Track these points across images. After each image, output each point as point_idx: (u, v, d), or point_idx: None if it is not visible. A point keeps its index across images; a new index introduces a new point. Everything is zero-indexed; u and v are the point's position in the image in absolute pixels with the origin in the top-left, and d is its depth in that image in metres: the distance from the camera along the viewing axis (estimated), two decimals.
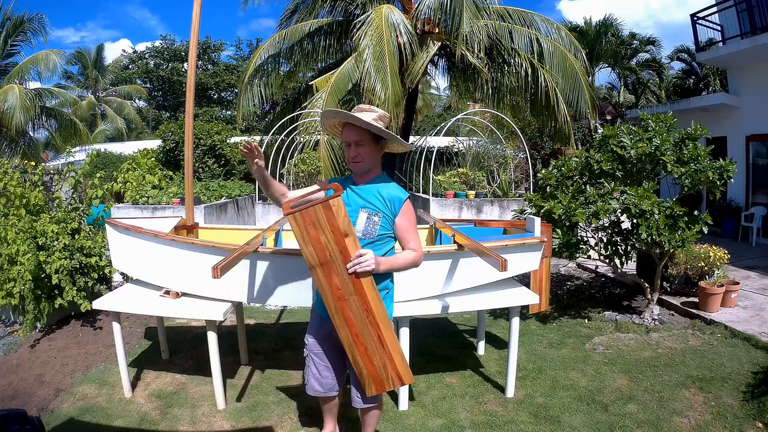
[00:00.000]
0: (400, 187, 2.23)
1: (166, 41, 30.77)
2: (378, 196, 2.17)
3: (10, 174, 4.87)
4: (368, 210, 2.15)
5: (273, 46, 10.36)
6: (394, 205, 2.16)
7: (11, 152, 13.07)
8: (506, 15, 9.75)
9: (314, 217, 1.92)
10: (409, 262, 2.15)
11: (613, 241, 4.67)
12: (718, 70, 14.36)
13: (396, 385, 2.21)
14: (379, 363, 2.13)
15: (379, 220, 2.14)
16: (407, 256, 2.16)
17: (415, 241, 2.20)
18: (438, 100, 27.71)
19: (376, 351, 2.11)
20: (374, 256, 2.00)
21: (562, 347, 4.09)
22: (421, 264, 2.22)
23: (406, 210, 2.18)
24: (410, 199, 2.22)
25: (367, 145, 2.16)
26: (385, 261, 2.09)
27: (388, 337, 2.10)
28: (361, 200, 2.17)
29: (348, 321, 2.06)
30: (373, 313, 2.05)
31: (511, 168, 9.47)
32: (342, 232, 1.94)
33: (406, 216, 2.18)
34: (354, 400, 2.35)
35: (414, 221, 2.23)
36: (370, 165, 2.21)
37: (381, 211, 2.15)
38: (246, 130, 18.83)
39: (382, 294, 2.21)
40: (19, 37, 14.01)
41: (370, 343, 2.09)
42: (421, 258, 2.19)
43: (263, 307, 5.18)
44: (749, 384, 3.28)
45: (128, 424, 2.93)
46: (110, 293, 3.35)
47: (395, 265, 2.14)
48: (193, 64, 3.63)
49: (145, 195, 7.72)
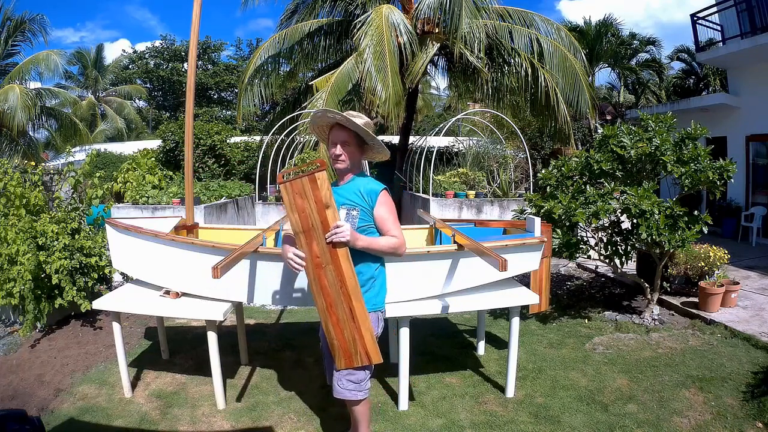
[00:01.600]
0: (376, 181, 2.38)
1: (166, 41, 30.79)
2: (356, 192, 2.31)
3: (10, 174, 4.87)
4: (347, 206, 2.29)
5: (273, 46, 10.36)
6: (371, 198, 2.29)
7: (11, 152, 13.06)
8: (506, 15, 9.75)
9: (301, 188, 2.11)
10: (389, 246, 2.27)
11: (613, 241, 4.67)
12: (718, 70, 14.36)
13: (364, 362, 2.28)
14: (349, 336, 2.24)
15: (357, 213, 2.28)
16: (388, 240, 2.28)
17: (395, 229, 2.31)
18: (438, 100, 27.71)
19: (347, 323, 2.22)
20: (351, 229, 2.13)
21: (562, 347, 4.09)
22: (403, 254, 2.33)
23: (382, 201, 2.31)
24: (386, 191, 2.35)
25: (352, 147, 2.34)
26: (364, 238, 2.21)
27: (359, 312, 2.21)
28: (341, 198, 2.30)
29: (324, 290, 2.20)
30: (346, 285, 2.17)
31: (511, 168, 9.47)
32: (324, 203, 2.10)
33: (384, 206, 2.31)
34: (334, 389, 2.37)
35: (393, 211, 2.34)
36: (351, 166, 2.37)
37: (359, 205, 2.29)
38: (246, 130, 18.81)
39: (368, 283, 2.33)
40: (19, 37, 14.02)
41: (342, 314, 2.21)
42: (402, 245, 2.30)
43: (263, 307, 5.18)
44: (749, 384, 3.28)
45: (128, 424, 2.93)
46: (110, 293, 3.35)
47: (373, 245, 2.24)
48: (193, 64, 3.63)
49: (145, 195, 7.72)
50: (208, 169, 11.08)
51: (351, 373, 2.32)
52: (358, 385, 2.33)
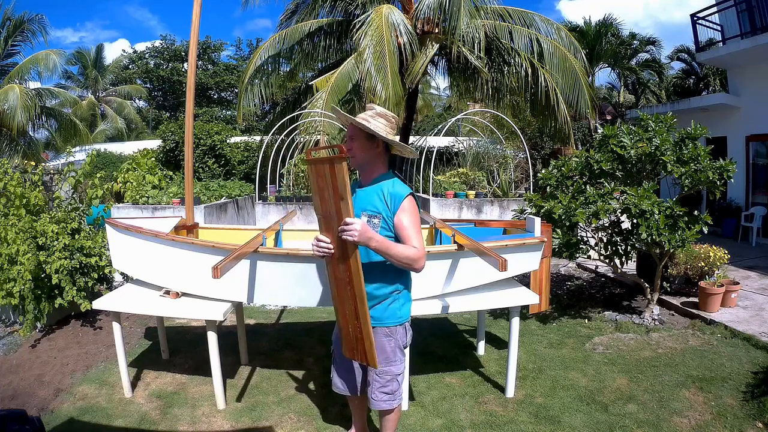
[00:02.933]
0: (402, 184, 2.18)
1: (166, 41, 30.78)
2: (380, 194, 2.14)
3: (10, 174, 4.86)
4: (368, 213, 2.13)
5: (273, 46, 10.35)
6: (394, 202, 2.10)
7: (11, 152, 13.05)
8: (506, 15, 9.74)
9: (322, 171, 1.97)
10: (407, 255, 2.02)
11: (613, 241, 4.67)
12: (718, 70, 14.37)
13: (362, 361, 2.24)
14: (352, 333, 2.19)
15: (379, 222, 2.11)
16: (407, 248, 2.04)
17: (417, 240, 2.07)
18: (438, 100, 27.73)
19: (352, 321, 2.16)
20: (363, 228, 1.92)
21: (562, 347, 4.09)
22: (421, 269, 2.09)
23: (405, 207, 2.10)
24: (413, 196, 2.15)
25: (357, 141, 2.18)
26: (379, 239, 1.99)
27: (362, 315, 2.09)
28: (362, 203, 2.17)
29: (336, 281, 2.15)
30: (353, 284, 2.05)
31: (511, 168, 9.47)
32: (339, 194, 1.94)
33: (407, 213, 2.10)
34: (370, 401, 2.35)
35: (416, 220, 2.13)
36: (364, 161, 2.22)
37: (380, 212, 2.12)
38: (246, 130, 18.82)
39: (392, 295, 2.22)
40: (19, 37, 14.00)
41: (349, 310, 2.15)
42: (421, 259, 2.06)
43: (263, 307, 5.18)
44: (749, 384, 3.28)
45: (128, 424, 2.93)
46: (110, 293, 3.35)
47: (390, 251, 2.00)
48: (193, 64, 3.63)
49: (145, 195, 7.73)
50: (208, 169, 11.09)
51: (383, 386, 2.29)
52: (391, 395, 2.31)
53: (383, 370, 2.26)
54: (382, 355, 2.23)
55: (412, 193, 2.17)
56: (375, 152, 2.20)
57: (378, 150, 2.21)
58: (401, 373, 2.34)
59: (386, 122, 2.19)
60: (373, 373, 2.29)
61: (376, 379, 2.29)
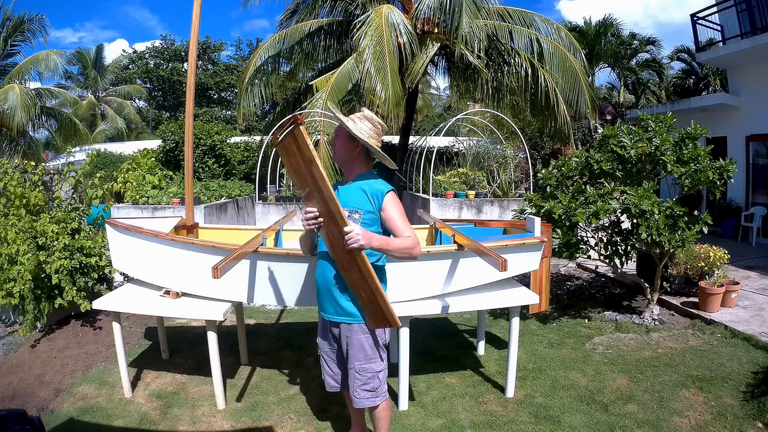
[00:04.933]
0: (382, 181, 2.28)
1: (166, 41, 30.78)
2: (360, 190, 2.23)
3: (10, 174, 4.86)
4: (348, 209, 2.18)
5: (273, 46, 10.35)
6: (377, 199, 2.21)
7: (11, 152, 13.06)
8: (506, 15, 9.75)
9: (290, 149, 1.99)
10: (404, 247, 2.14)
11: (613, 241, 4.67)
12: (718, 70, 14.37)
13: (386, 324, 2.20)
14: (366, 296, 2.14)
15: (359, 217, 2.18)
16: (403, 240, 2.16)
17: (407, 229, 2.20)
18: (438, 100, 27.76)
19: (361, 284, 2.12)
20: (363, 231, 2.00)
21: (562, 347, 4.09)
22: (419, 255, 2.20)
23: (389, 201, 2.21)
24: (394, 192, 2.26)
25: (341, 138, 2.28)
26: (379, 238, 2.09)
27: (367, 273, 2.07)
28: (343, 200, 2.20)
29: (333, 248, 2.12)
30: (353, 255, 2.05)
31: (511, 168, 9.47)
32: (307, 159, 1.95)
33: (392, 207, 2.21)
34: (353, 400, 2.35)
35: (402, 212, 2.24)
36: (344, 159, 2.31)
37: (361, 207, 2.20)
38: (246, 130, 18.82)
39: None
40: (19, 37, 14.01)
41: (356, 275, 2.10)
42: (417, 246, 2.17)
43: (263, 307, 5.18)
44: (749, 384, 3.28)
45: (128, 424, 2.93)
46: (110, 293, 3.35)
47: (390, 246, 2.13)
48: (193, 64, 3.63)
49: (145, 195, 7.73)
50: (208, 169, 11.09)
51: (364, 384, 2.29)
52: (373, 392, 2.31)
53: (363, 368, 2.28)
54: (361, 352, 2.26)
55: (393, 189, 2.27)
56: (355, 152, 2.30)
57: (358, 150, 2.29)
58: (382, 371, 2.34)
59: (371, 126, 2.27)
60: (353, 371, 2.30)
61: (357, 377, 2.29)
